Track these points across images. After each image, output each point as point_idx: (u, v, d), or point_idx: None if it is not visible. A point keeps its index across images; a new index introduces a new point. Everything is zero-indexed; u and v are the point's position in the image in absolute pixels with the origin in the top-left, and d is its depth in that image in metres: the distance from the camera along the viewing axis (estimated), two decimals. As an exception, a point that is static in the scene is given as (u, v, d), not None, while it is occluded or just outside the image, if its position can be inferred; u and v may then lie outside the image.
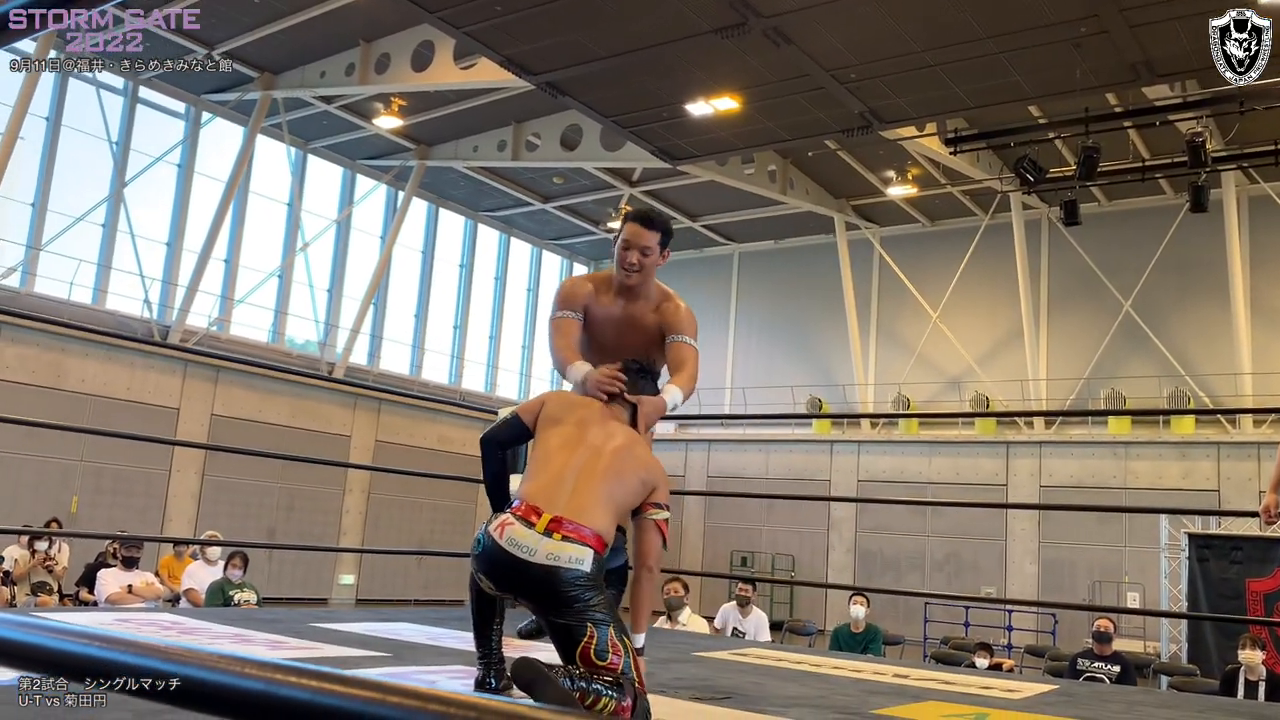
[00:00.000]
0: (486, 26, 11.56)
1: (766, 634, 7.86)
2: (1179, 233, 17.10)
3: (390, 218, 19.87)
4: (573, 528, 2.35)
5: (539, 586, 2.32)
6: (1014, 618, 15.76)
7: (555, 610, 2.33)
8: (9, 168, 14.04)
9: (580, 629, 2.30)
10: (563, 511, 2.37)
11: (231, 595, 7.22)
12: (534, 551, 2.31)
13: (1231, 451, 16.20)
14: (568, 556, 2.31)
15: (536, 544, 2.32)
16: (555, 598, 2.32)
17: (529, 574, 2.32)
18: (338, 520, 18.01)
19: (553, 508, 2.37)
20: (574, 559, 2.32)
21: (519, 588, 2.36)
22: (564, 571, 2.30)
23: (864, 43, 11.49)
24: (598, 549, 2.37)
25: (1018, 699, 3.54)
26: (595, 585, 2.35)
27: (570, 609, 2.31)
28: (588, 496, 2.43)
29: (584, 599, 2.31)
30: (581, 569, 2.32)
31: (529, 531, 2.33)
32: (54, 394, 14.38)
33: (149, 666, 0.69)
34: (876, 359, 20.37)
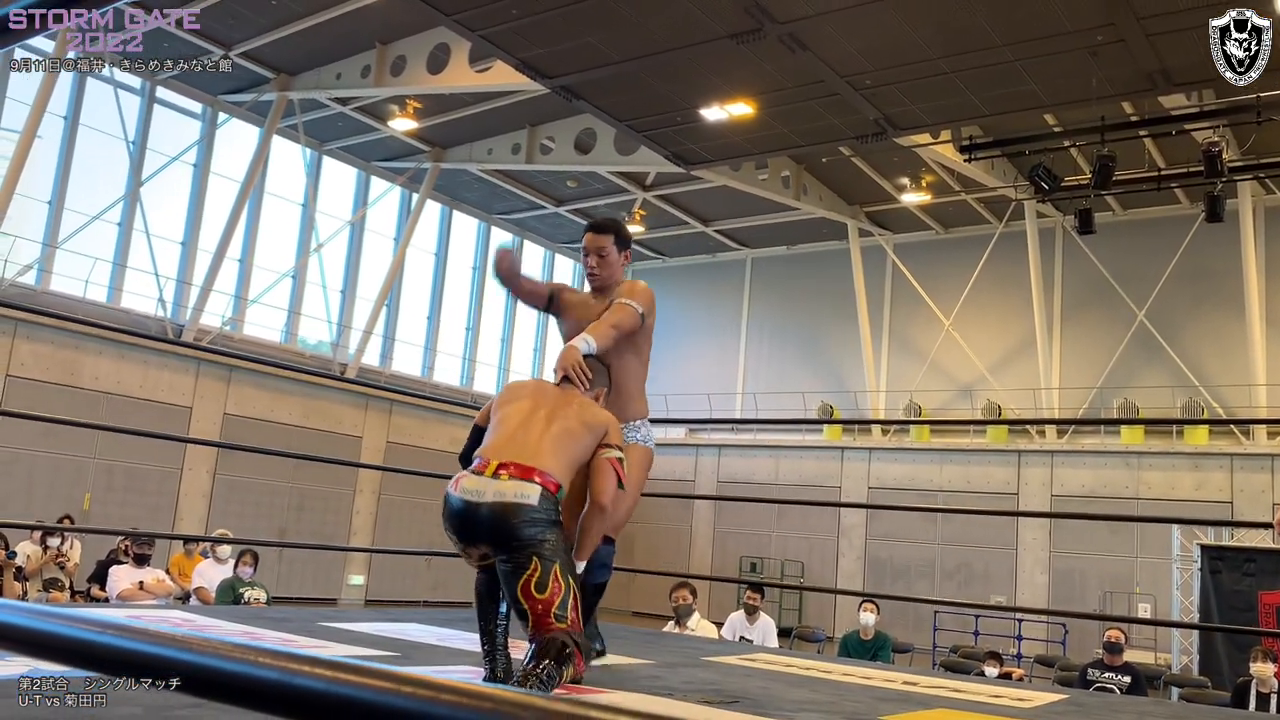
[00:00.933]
0: (502, 29, 11.59)
1: (774, 640, 7.84)
2: (1194, 242, 17.03)
3: (404, 219, 19.93)
4: (518, 468, 2.46)
5: (489, 525, 2.43)
6: (1024, 627, 15.69)
7: (505, 548, 2.42)
8: (26, 166, 14.14)
9: (525, 563, 2.39)
10: (511, 458, 2.49)
11: (241, 593, 7.24)
12: (483, 493, 2.44)
13: (1245, 463, 16.10)
14: (513, 493, 2.42)
15: (485, 486, 2.45)
16: (504, 534, 2.41)
17: (480, 515, 2.43)
18: (348, 521, 18.06)
19: (501, 456, 2.50)
20: (519, 494, 2.42)
21: (475, 531, 2.46)
22: (511, 506, 2.40)
23: (879, 49, 11.48)
24: (546, 486, 2.46)
25: (1027, 708, 3.52)
26: (543, 522, 2.43)
27: (518, 543, 2.40)
28: (536, 445, 2.54)
29: (530, 534, 2.40)
30: (527, 502, 2.41)
31: (479, 478, 2.47)
32: (68, 391, 14.46)
33: (163, 655, 0.69)
34: (888, 366, 20.33)
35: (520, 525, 2.40)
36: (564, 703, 0.54)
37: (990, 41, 10.98)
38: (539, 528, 2.42)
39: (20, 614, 0.77)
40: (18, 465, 14.07)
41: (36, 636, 0.74)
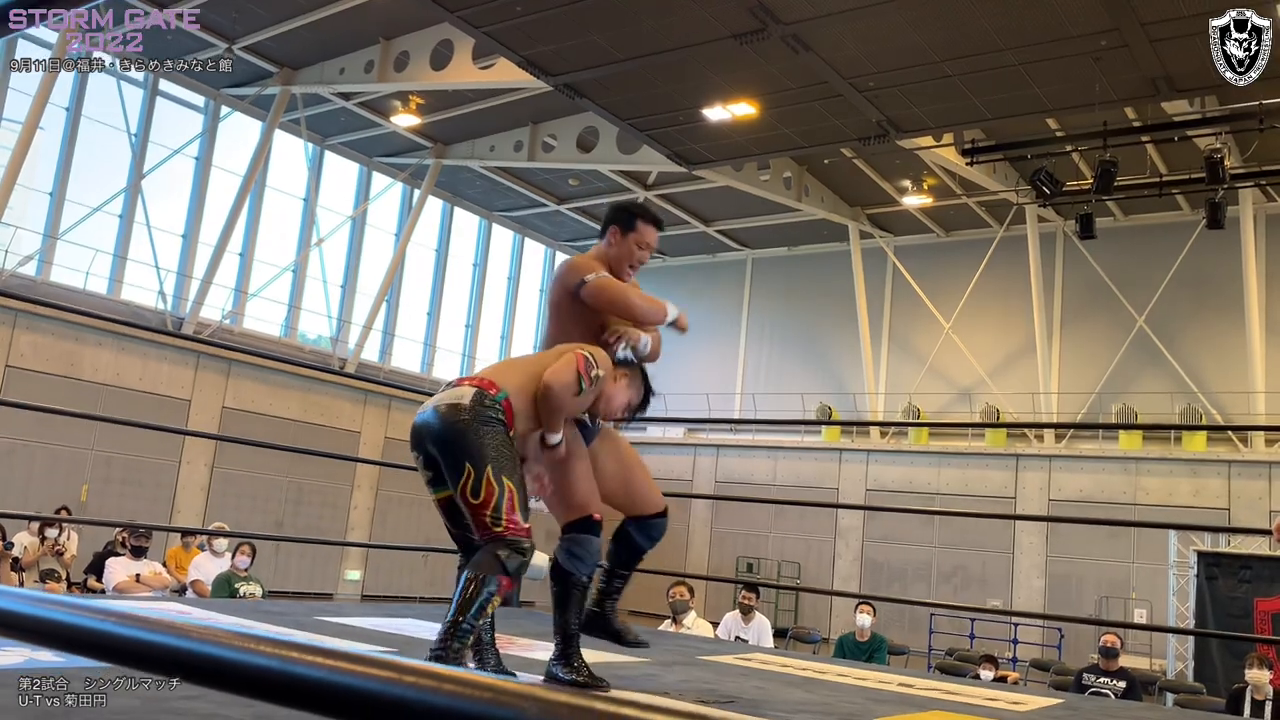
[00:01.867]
0: (506, 27, 11.59)
1: (769, 640, 7.84)
2: (1195, 249, 17.03)
3: (405, 215, 19.93)
4: (457, 379, 2.59)
5: (430, 430, 2.51)
6: (1020, 631, 15.70)
7: (448, 453, 2.48)
8: (28, 157, 14.13)
9: (460, 469, 2.45)
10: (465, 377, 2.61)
11: (238, 588, 7.24)
12: (426, 409, 2.55)
13: (1243, 470, 16.11)
14: (452, 396, 2.52)
15: (430, 401, 2.56)
16: (440, 436, 2.49)
17: (424, 421, 2.54)
18: (345, 515, 18.06)
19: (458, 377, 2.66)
20: (455, 396, 2.51)
21: (421, 439, 2.55)
22: (445, 407, 2.50)
23: (883, 52, 11.48)
24: (482, 387, 2.52)
25: (1023, 712, 3.53)
26: (477, 421, 2.47)
27: (455, 447, 2.46)
28: (494, 367, 2.65)
29: (464, 437, 2.45)
30: (461, 402, 2.49)
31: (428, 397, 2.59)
32: (67, 383, 14.46)
33: (163, 643, 0.69)
34: (887, 368, 20.33)
35: (456, 429, 2.46)
36: (566, 695, 0.54)
37: (994, 45, 10.97)
38: (476, 430, 2.46)
39: (20, 601, 0.77)
40: (16, 456, 14.06)
41: (36, 624, 0.74)
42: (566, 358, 2.64)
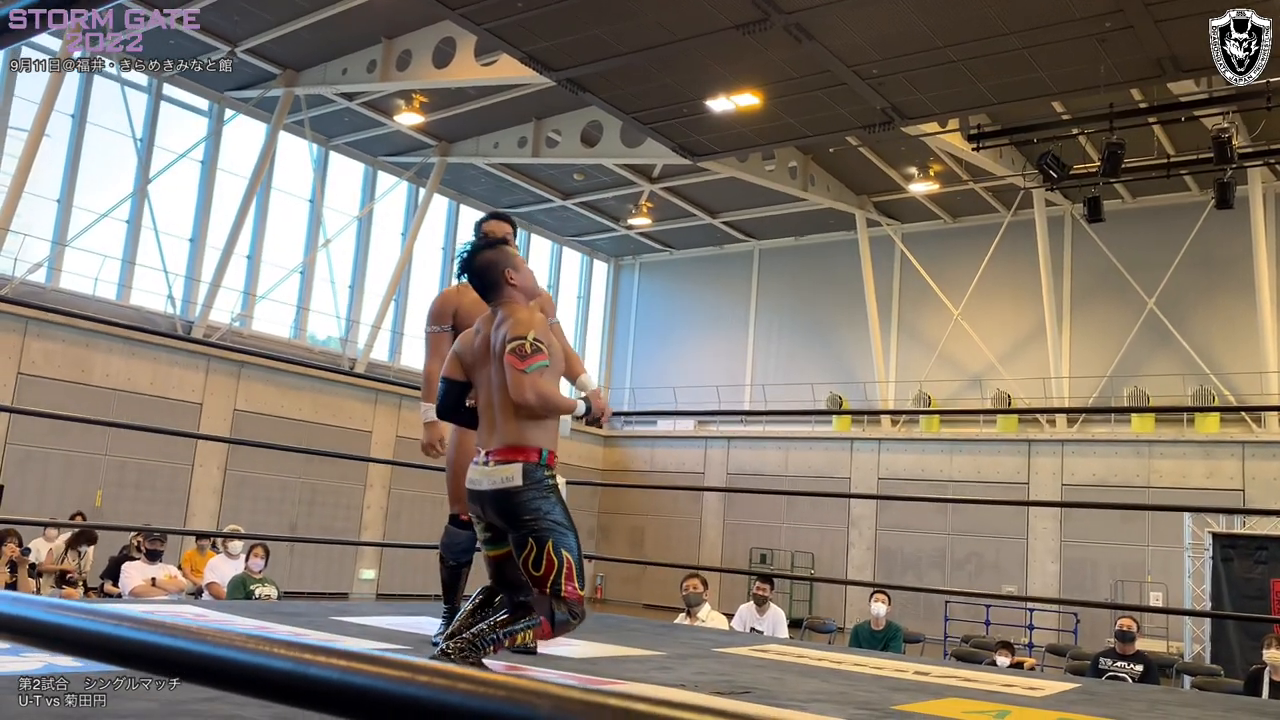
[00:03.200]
0: (508, 23, 11.58)
1: (784, 631, 7.84)
2: (1204, 229, 16.95)
3: (411, 214, 19.95)
4: (498, 453, 2.82)
5: (493, 507, 2.81)
6: (1035, 616, 15.67)
7: (511, 525, 2.79)
8: (35, 164, 14.18)
9: (523, 543, 2.76)
10: (493, 445, 2.84)
11: (253, 589, 7.27)
12: (481, 482, 2.83)
13: (1257, 450, 16.04)
14: (501, 477, 2.79)
15: (482, 475, 2.83)
16: (504, 513, 2.79)
17: (485, 499, 2.83)
18: (359, 515, 18.11)
19: (486, 445, 2.86)
20: (505, 479, 2.79)
21: (485, 512, 2.85)
22: (502, 491, 2.78)
23: (886, 38, 11.43)
24: (525, 459, 2.80)
25: (1039, 697, 3.52)
26: (535, 496, 2.77)
27: (515, 522, 2.77)
28: (503, 422, 2.85)
29: (525, 513, 2.76)
30: (514, 484, 2.77)
31: (478, 467, 2.85)
32: (80, 389, 14.52)
33: (179, 648, 0.69)
34: (897, 356, 20.29)
35: (515, 505, 2.76)
36: (579, 692, 0.54)
37: (998, 29, 10.92)
38: (533, 504, 2.76)
39: (38, 608, 0.77)
40: (31, 463, 14.13)
41: (55, 630, 0.74)
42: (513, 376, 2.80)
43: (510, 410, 2.82)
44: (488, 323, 2.96)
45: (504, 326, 2.86)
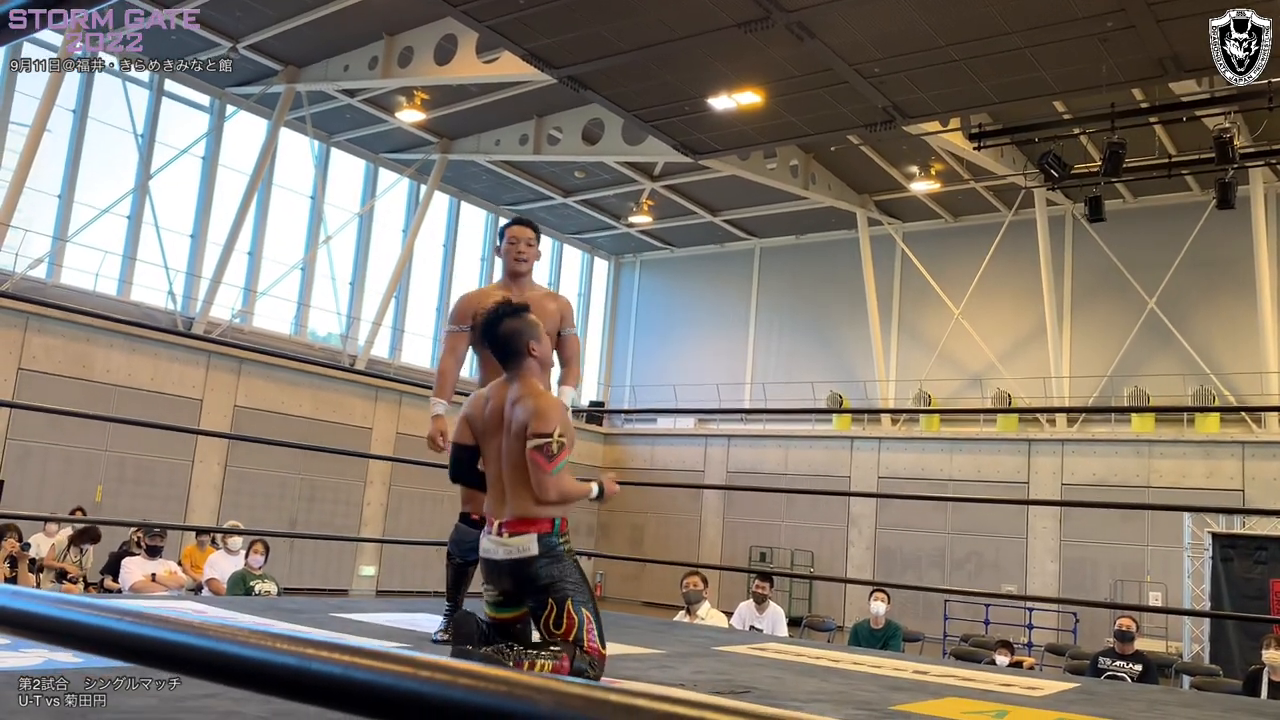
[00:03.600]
0: (509, 20, 11.57)
1: (784, 630, 7.85)
2: (1205, 230, 16.94)
3: (412, 211, 19.95)
4: (511, 524, 2.86)
5: (510, 576, 2.86)
6: (1035, 616, 15.68)
7: (528, 592, 2.85)
8: (36, 160, 14.18)
9: (542, 605, 2.82)
10: (505, 516, 2.88)
11: (253, 586, 7.27)
12: (496, 551, 2.87)
13: (1257, 451, 16.04)
14: (518, 548, 2.84)
15: (497, 546, 2.87)
16: (522, 581, 2.84)
17: (501, 569, 2.88)
18: (359, 512, 18.12)
19: (498, 516, 2.90)
20: (522, 549, 2.84)
21: (500, 579, 2.89)
22: (519, 561, 2.83)
23: (888, 37, 11.43)
24: (539, 530, 2.84)
25: (1038, 696, 3.53)
26: (551, 563, 2.83)
27: (533, 588, 2.83)
28: (513, 494, 2.88)
29: (542, 579, 2.82)
30: (530, 554, 2.82)
31: (491, 538, 2.89)
32: (80, 384, 14.52)
33: (181, 642, 0.69)
34: (898, 355, 20.29)
35: (532, 574, 2.83)
36: (580, 687, 0.54)
37: (999, 28, 10.92)
38: (549, 571, 2.82)
39: (40, 602, 0.77)
40: (30, 458, 14.14)
41: (56, 625, 0.74)
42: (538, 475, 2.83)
43: (522, 483, 2.85)
44: (500, 391, 2.96)
45: (523, 406, 2.85)
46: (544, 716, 0.52)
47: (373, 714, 0.60)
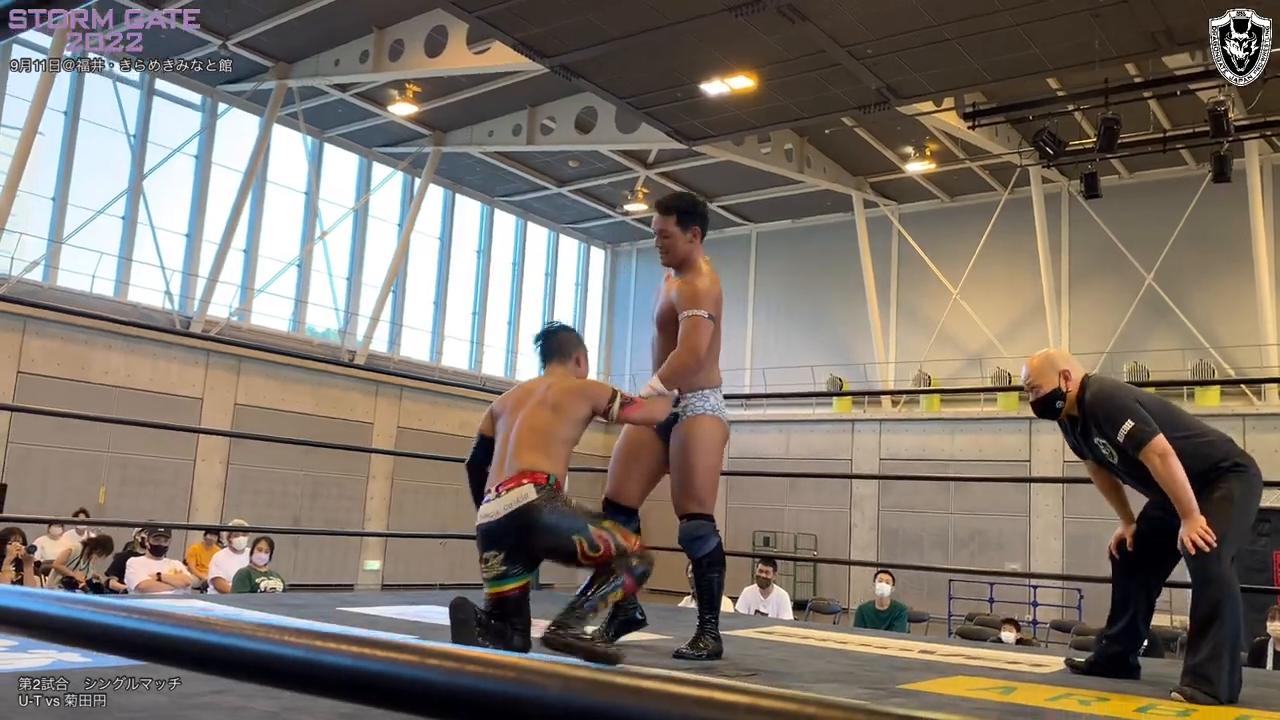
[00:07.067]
0: (499, 10, 11.54)
1: (789, 613, 7.87)
2: (1201, 204, 16.92)
3: (407, 204, 19.91)
4: (508, 481, 2.93)
5: (515, 533, 2.88)
6: (1039, 593, 15.71)
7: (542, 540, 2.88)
8: (29, 163, 14.14)
9: (568, 543, 2.85)
10: (502, 478, 2.96)
11: (258, 583, 7.29)
12: (496, 513, 2.91)
13: (1257, 423, 16.06)
14: (514, 498, 2.89)
15: (495, 507, 2.92)
16: (529, 532, 2.87)
17: (503, 528, 2.90)
18: (362, 506, 18.14)
19: (496, 481, 2.99)
20: (518, 498, 2.89)
21: (506, 543, 2.91)
22: (520, 509, 2.87)
23: (880, 18, 11.39)
24: (533, 480, 2.91)
25: (1045, 673, 3.54)
26: (548, 503, 2.88)
27: (547, 533, 2.86)
28: (515, 454, 2.98)
29: (547, 520, 2.86)
30: (529, 500, 2.88)
31: (488, 503, 2.96)
32: (79, 386, 14.52)
33: (189, 637, 0.70)
34: (897, 336, 20.29)
35: (537, 519, 2.86)
36: (587, 671, 0.54)
37: (991, 6, 10.89)
38: (553, 513, 2.86)
39: (45, 601, 0.77)
40: (32, 461, 14.15)
41: (64, 624, 0.74)
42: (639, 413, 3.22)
43: (529, 445, 2.98)
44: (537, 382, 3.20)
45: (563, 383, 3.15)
46: (551, 700, 0.52)
47: (382, 704, 0.60)
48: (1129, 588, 3.46)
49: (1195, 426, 3.30)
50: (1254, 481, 3.22)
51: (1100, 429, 3.23)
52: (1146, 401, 3.25)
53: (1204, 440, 3.24)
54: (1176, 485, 3.04)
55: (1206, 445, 3.22)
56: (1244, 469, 3.19)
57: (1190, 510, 3.02)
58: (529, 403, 3.08)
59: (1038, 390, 3.38)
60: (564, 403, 3.07)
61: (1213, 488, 3.11)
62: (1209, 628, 2.96)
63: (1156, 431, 3.08)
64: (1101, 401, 3.23)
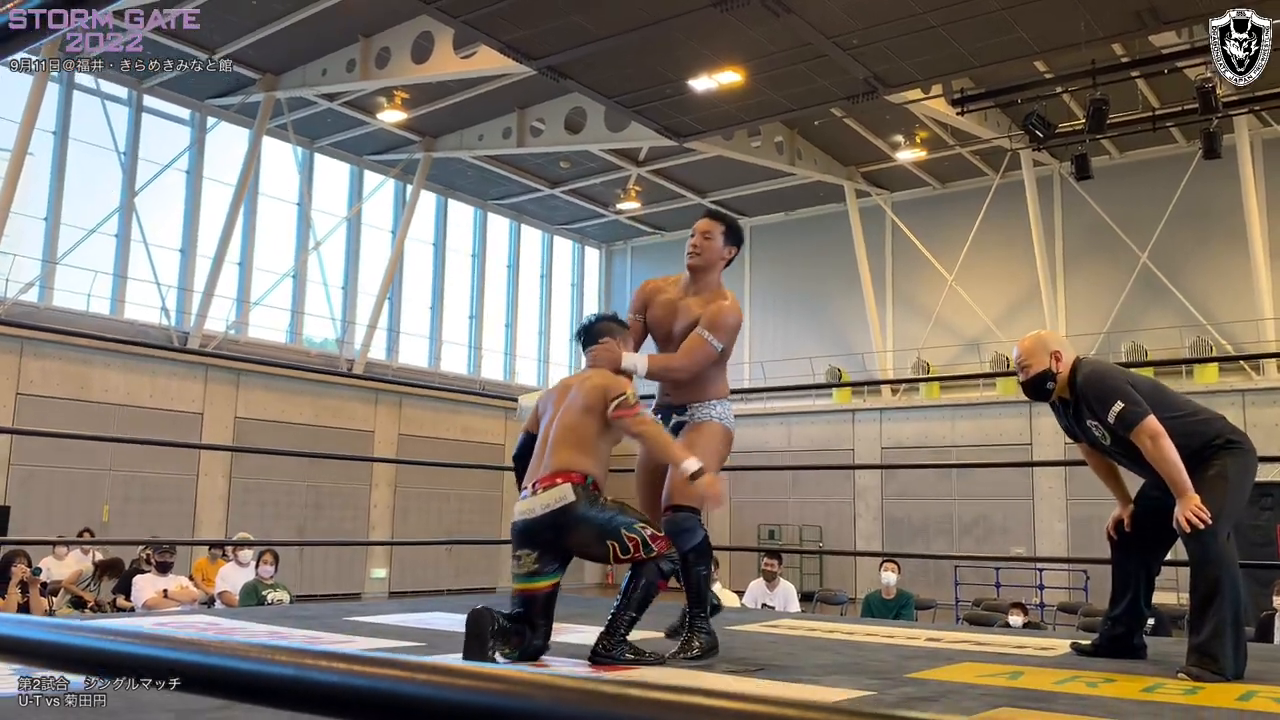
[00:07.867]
0: (484, 14, 11.54)
1: (795, 605, 7.88)
2: (1193, 181, 16.92)
3: (400, 211, 19.90)
4: (545, 479, 3.01)
5: (551, 531, 2.96)
6: (1045, 576, 15.72)
7: (578, 540, 2.98)
8: (20, 183, 14.13)
9: (601, 545, 2.95)
10: (540, 474, 3.04)
11: (265, 595, 7.29)
12: (533, 510, 2.98)
13: (1257, 398, 16.07)
14: (554, 499, 2.96)
15: (532, 505, 2.99)
16: (566, 531, 2.95)
17: (540, 527, 2.97)
18: (366, 515, 18.14)
19: (533, 477, 3.06)
20: (559, 498, 2.96)
21: (543, 541, 2.98)
22: (558, 509, 2.95)
23: (864, 7, 11.39)
24: (572, 480, 2.98)
25: (1052, 656, 3.54)
26: (588, 506, 2.95)
27: (584, 534, 2.95)
28: (553, 452, 3.06)
29: (585, 521, 2.94)
30: (567, 500, 2.95)
31: (525, 500, 3.03)
32: (79, 405, 14.51)
33: (181, 660, 0.70)
34: (894, 325, 20.30)
35: (576, 520, 2.94)
36: (575, 682, 0.54)
37: (976, -8, 10.88)
38: (589, 513, 2.95)
39: (34, 628, 0.77)
40: (35, 482, 14.15)
41: (54, 650, 0.74)
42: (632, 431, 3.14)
43: (566, 442, 3.06)
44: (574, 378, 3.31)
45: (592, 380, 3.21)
46: (541, 712, 0.53)
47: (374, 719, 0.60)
48: (1129, 568, 3.47)
49: (1187, 406, 3.31)
50: (1248, 458, 3.22)
51: (1092, 411, 3.23)
52: (1138, 383, 3.26)
53: (1196, 419, 3.25)
54: (1169, 465, 3.04)
55: (1199, 424, 3.22)
56: (1238, 445, 3.19)
57: (1184, 489, 3.02)
58: (564, 400, 3.18)
59: (1028, 370, 3.40)
60: (593, 402, 3.14)
61: (1207, 465, 3.11)
62: (1209, 605, 2.96)
63: (1147, 412, 3.08)
64: (1093, 383, 3.24)
